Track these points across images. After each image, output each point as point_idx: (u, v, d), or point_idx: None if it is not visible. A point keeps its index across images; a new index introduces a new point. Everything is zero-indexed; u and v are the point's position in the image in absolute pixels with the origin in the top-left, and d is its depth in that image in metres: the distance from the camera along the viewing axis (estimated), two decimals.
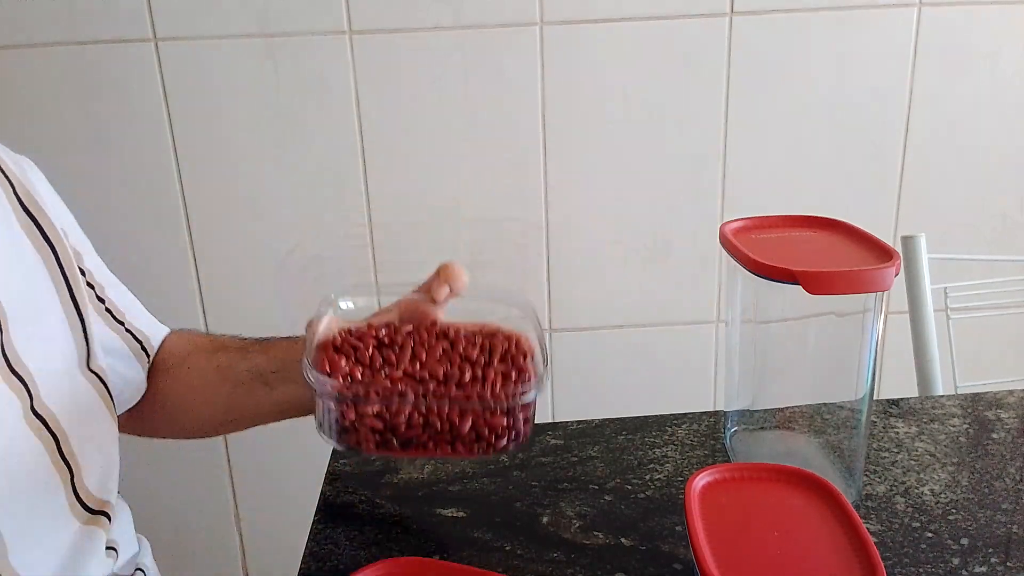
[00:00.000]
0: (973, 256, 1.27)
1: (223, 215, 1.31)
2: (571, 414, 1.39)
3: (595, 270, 1.37)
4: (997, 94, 1.30)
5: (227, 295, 1.36)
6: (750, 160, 1.32)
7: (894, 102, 1.30)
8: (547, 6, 1.23)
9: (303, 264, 1.34)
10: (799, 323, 0.71)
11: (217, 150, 1.28)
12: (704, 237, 1.35)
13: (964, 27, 1.26)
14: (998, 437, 0.77)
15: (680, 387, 1.44)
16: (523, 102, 1.27)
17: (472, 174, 1.31)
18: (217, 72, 1.25)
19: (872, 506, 0.68)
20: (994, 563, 0.60)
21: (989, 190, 1.35)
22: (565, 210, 1.33)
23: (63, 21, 1.21)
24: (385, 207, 1.32)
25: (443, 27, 1.23)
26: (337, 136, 1.28)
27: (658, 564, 0.61)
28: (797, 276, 0.60)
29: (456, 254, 1.37)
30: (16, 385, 0.57)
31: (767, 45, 1.26)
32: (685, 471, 0.74)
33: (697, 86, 1.28)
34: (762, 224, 0.73)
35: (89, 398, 0.65)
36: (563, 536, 0.65)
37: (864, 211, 1.34)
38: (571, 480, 0.73)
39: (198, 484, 1.45)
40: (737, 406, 0.77)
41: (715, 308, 1.40)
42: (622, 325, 1.40)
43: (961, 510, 0.66)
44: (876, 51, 1.28)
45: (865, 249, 0.67)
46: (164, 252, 1.33)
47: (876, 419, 0.81)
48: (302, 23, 1.23)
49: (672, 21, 1.25)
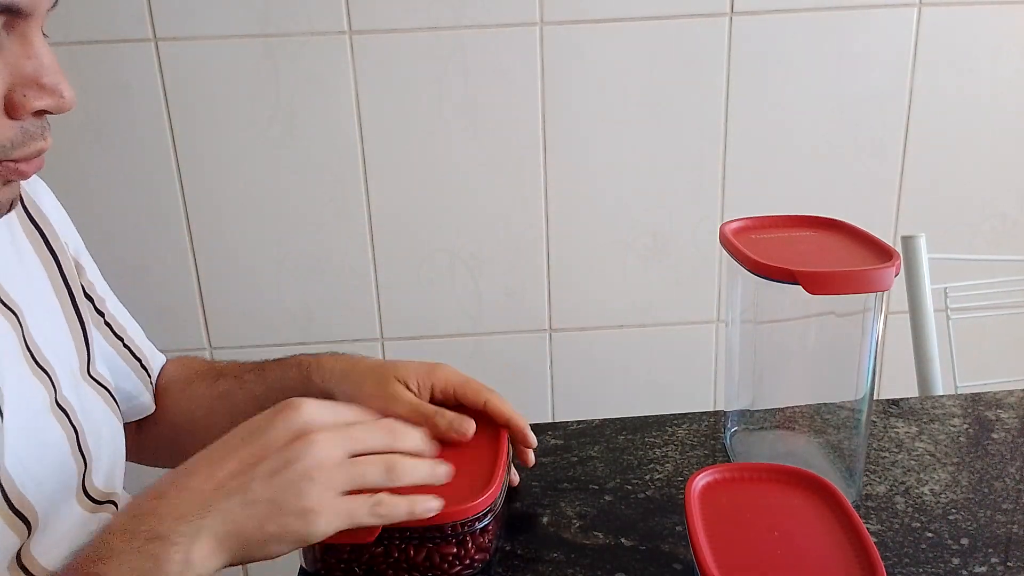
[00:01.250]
0: (973, 256, 1.27)
1: (223, 215, 1.31)
2: (571, 414, 1.40)
3: (595, 270, 1.37)
4: (997, 94, 1.30)
5: (227, 295, 1.36)
6: (750, 160, 1.32)
7: (894, 102, 1.30)
8: (547, 6, 1.23)
9: (303, 264, 1.35)
10: (799, 323, 0.71)
11: (217, 150, 1.28)
12: (704, 237, 1.35)
13: (964, 27, 1.26)
14: (998, 437, 0.77)
15: (680, 387, 1.44)
16: (523, 102, 1.27)
17: (472, 174, 1.31)
18: (217, 72, 1.25)
19: (872, 506, 0.68)
20: (994, 563, 0.60)
21: (989, 190, 1.35)
22: (565, 210, 1.33)
23: (63, 21, 1.21)
24: (385, 207, 1.32)
25: (443, 27, 1.23)
26: (337, 136, 1.28)
27: (658, 564, 0.61)
28: (797, 276, 0.60)
29: (456, 254, 1.38)
30: (42, 376, 0.59)
31: (767, 45, 1.26)
32: (685, 471, 0.74)
33: (697, 86, 1.28)
34: (762, 224, 0.73)
35: (94, 400, 0.66)
36: (563, 536, 0.65)
37: (864, 211, 1.34)
38: (571, 480, 0.72)
39: None
40: (737, 406, 0.77)
41: (715, 308, 1.40)
42: (622, 325, 1.40)
43: (961, 510, 0.66)
44: (876, 51, 1.28)
45: (865, 249, 0.67)
46: (164, 252, 1.33)
47: (876, 419, 0.81)
48: (302, 23, 1.23)
49: (672, 21, 1.25)
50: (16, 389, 0.56)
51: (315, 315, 1.37)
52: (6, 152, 0.47)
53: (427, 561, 0.56)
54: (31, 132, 0.48)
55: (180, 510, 0.46)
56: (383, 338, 1.39)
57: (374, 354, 1.39)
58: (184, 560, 0.44)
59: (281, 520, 0.47)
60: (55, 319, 0.64)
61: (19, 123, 0.47)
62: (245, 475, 0.47)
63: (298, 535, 0.47)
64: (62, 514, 0.59)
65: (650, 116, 1.29)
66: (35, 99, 0.47)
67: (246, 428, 0.51)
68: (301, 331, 1.37)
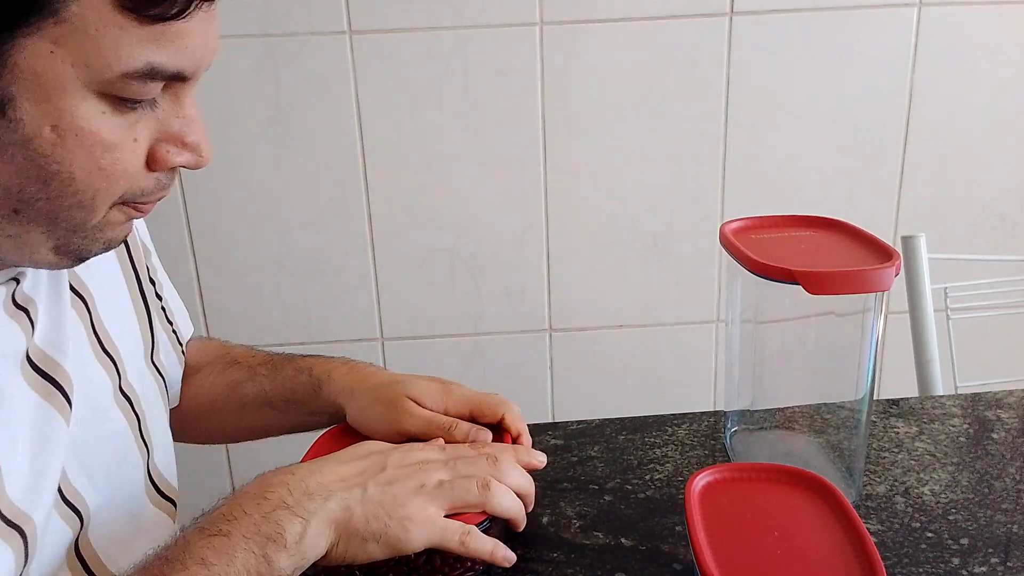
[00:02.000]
0: (973, 256, 1.27)
1: (223, 215, 1.32)
2: (571, 414, 1.40)
3: (595, 270, 1.37)
4: (997, 94, 1.30)
5: (227, 295, 1.36)
6: (750, 160, 1.32)
7: (894, 102, 1.30)
8: (547, 6, 1.23)
9: (303, 264, 1.35)
10: (799, 323, 0.71)
11: (217, 150, 1.28)
12: (704, 237, 1.35)
13: (964, 27, 1.26)
14: (998, 437, 0.77)
15: (680, 387, 1.44)
16: (523, 102, 1.27)
17: (472, 174, 1.31)
18: (217, 72, 1.24)
19: (872, 506, 0.68)
20: (994, 563, 0.60)
21: (989, 190, 1.35)
22: (565, 210, 1.33)
23: None
24: (385, 207, 1.32)
25: (443, 27, 1.23)
26: (337, 136, 1.28)
27: (658, 564, 0.61)
28: (797, 276, 0.60)
29: (456, 254, 1.38)
30: (107, 363, 0.60)
31: (767, 45, 1.26)
32: (685, 471, 0.74)
33: (697, 86, 1.28)
34: (762, 224, 0.73)
35: (154, 388, 0.66)
36: (563, 536, 0.65)
37: (864, 211, 1.34)
38: (571, 480, 0.72)
39: (198, 484, 1.45)
40: (737, 406, 0.77)
41: (715, 308, 1.40)
42: (622, 325, 1.40)
43: (961, 510, 0.66)
44: (876, 51, 1.28)
45: (865, 249, 0.67)
46: (164, 252, 1.32)
47: (876, 419, 0.81)
48: (302, 23, 1.23)
49: (672, 21, 1.25)
50: (82, 375, 0.56)
51: (315, 315, 1.37)
52: (135, 197, 0.49)
53: (428, 564, 0.56)
54: (163, 183, 0.50)
55: (309, 489, 0.52)
56: (383, 338, 1.39)
57: (374, 354, 1.39)
58: (301, 532, 0.50)
59: (385, 521, 0.52)
60: (122, 303, 0.64)
61: (156, 175, 0.49)
62: (365, 477, 0.54)
63: (395, 539, 0.52)
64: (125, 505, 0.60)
65: (650, 116, 1.29)
66: (176, 155, 0.49)
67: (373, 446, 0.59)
68: (301, 331, 1.37)
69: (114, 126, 0.45)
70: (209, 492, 1.48)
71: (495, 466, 0.58)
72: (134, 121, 0.46)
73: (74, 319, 0.57)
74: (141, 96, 0.45)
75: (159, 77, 0.45)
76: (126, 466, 0.60)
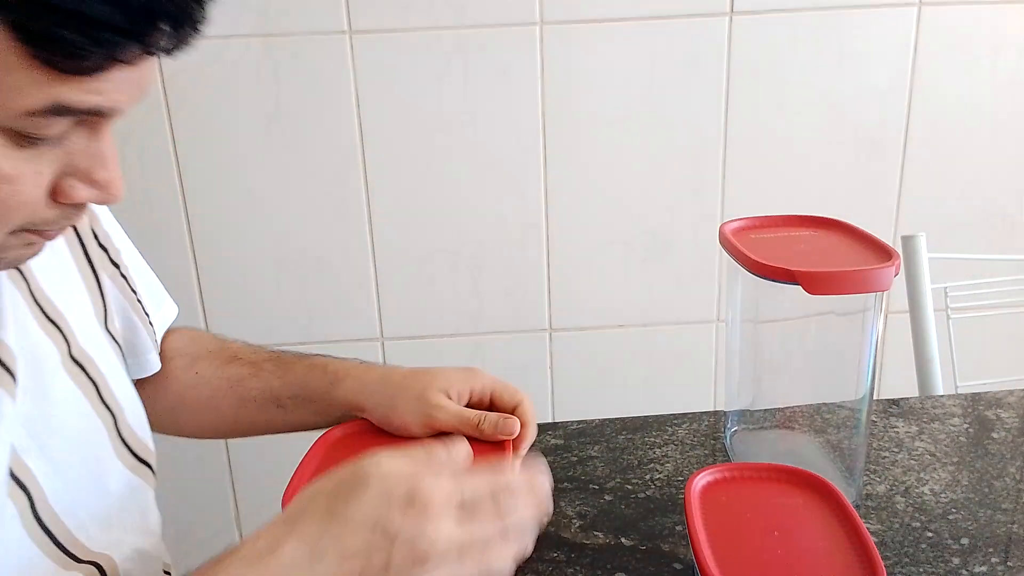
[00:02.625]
0: (973, 256, 1.27)
1: (223, 215, 1.31)
2: (571, 414, 1.39)
3: (595, 270, 1.37)
4: (997, 94, 1.30)
5: (227, 295, 1.36)
6: (750, 160, 1.32)
7: (894, 101, 1.30)
8: (547, 6, 1.23)
9: (303, 264, 1.35)
10: (799, 323, 0.71)
11: (217, 150, 1.28)
12: (704, 237, 1.35)
13: (964, 27, 1.26)
14: (998, 437, 0.77)
15: (680, 387, 1.44)
16: (523, 102, 1.27)
17: (472, 174, 1.31)
18: (217, 72, 1.25)
19: (872, 506, 0.68)
20: (994, 563, 0.60)
21: (989, 190, 1.35)
22: (565, 210, 1.33)
23: None
24: (385, 207, 1.32)
25: (443, 27, 1.23)
26: (337, 136, 1.28)
27: (658, 564, 0.61)
28: (797, 276, 0.60)
29: (456, 254, 1.38)
30: (52, 331, 0.58)
31: (767, 45, 1.26)
32: (685, 471, 0.74)
33: (697, 86, 1.28)
34: (762, 224, 0.73)
35: (112, 353, 0.65)
36: (563, 536, 0.65)
37: (864, 211, 1.34)
38: (571, 480, 0.73)
39: (198, 484, 1.45)
40: (737, 406, 0.77)
41: (715, 308, 1.40)
42: (622, 325, 1.40)
43: (961, 510, 0.66)
44: (876, 50, 1.28)
45: (865, 249, 0.67)
46: (164, 252, 1.33)
47: (876, 419, 0.81)
48: (302, 23, 1.23)
49: (672, 21, 1.25)
50: (25, 346, 0.55)
51: (315, 315, 1.37)
52: (38, 227, 0.47)
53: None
54: (69, 215, 0.48)
55: None
56: (383, 338, 1.39)
57: (374, 354, 1.39)
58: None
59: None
60: (66, 269, 0.63)
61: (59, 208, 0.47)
62: None
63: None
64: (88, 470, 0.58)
65: (650, 116, 1.29)
66: (81, 190, 0.47)
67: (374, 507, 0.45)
68: (301, 331, 1.37)
69: (15, 160, 0.43)
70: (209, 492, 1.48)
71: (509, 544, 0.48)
72: (37, 155, 0.44)
73: (11, 290, 0.56)
74: (45, 133, 0.43)
75: (68, 114, 0.43)
76: (87, 432, 0.59)
